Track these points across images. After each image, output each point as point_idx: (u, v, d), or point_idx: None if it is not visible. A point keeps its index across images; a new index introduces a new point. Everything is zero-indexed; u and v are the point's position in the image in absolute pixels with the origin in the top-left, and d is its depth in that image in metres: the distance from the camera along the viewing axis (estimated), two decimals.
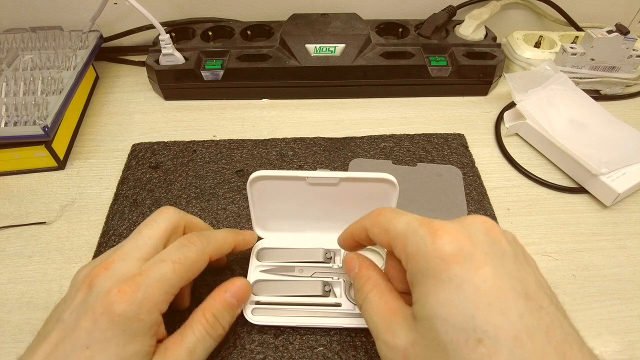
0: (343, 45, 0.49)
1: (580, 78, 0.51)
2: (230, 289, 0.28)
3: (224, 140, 0.45)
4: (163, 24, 0.51)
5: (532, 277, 0.20)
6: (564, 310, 0.20)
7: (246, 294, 0.29)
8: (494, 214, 0.39)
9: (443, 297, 0.19)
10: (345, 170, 0.43)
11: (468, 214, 0.38)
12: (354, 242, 0.27)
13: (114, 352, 0.22)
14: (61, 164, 0.43)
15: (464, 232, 0.20)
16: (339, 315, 0.31)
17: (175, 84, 0.50)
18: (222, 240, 0.29)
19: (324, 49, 0.49)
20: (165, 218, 0.27)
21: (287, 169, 0.43)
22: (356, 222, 0.27)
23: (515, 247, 0.22)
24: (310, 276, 0.32)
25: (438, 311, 0.19)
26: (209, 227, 0.32)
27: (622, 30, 0.48)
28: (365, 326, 0.25)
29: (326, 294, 0.31)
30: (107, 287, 0.23)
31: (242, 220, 0.38)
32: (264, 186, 0.31)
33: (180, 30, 0.54)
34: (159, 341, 0.25)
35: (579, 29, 0.58)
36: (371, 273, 0.26)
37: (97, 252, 0.36)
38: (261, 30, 0.55)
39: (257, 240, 0.34)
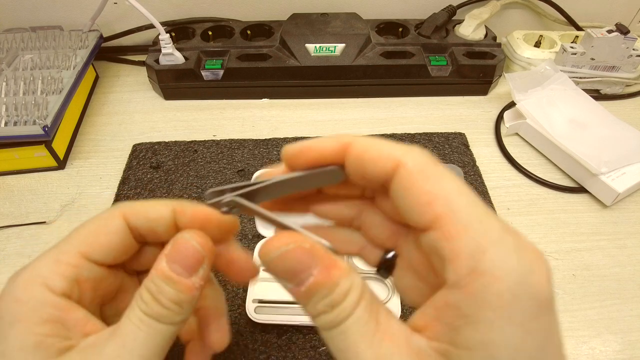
0: (343, 44, 0.49)
1: (580, 78, 0.51)
2: (169, 253, 0.18)
3: (225, 140, 0.45)
4: (163, 24, 0.51)
5: None
6: None
7: (197, 258, 0.18)
8: (495, 213, 0.39)
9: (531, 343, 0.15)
10: None
11: None
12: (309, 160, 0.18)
13: None
14: (61, 164, 0.43)
15: (546, 261, 0.16)
16: None
17: (175, 84, 0.50)
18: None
19: (324, 49, 0.49)
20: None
21: None
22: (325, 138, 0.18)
23: None
24: None
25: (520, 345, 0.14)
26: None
27: (622, 29, 0.48)
28: None
29: None
30: None
31: (244, 220, 0.38)
32: None
33: (180, 30, 0.54)
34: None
35: (579, 28, 0.58)
36: (352, 275, 0.16)
37: None
38: (261, 30, 0.55)
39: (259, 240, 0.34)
